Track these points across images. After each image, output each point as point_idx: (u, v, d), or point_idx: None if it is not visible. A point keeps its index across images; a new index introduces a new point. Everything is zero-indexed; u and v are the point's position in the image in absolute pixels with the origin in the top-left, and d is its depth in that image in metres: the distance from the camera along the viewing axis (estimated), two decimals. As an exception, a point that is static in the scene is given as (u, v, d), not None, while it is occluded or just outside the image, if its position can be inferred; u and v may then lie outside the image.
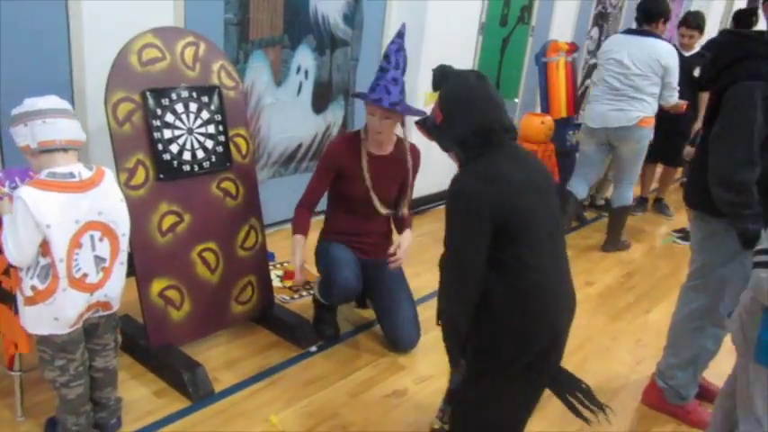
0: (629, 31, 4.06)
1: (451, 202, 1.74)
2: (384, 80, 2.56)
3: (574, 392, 1.88)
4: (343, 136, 2.82)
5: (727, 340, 2.07)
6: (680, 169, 5.36)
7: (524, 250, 1.70)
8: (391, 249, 2.77)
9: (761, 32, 2.16)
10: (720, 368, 2.37)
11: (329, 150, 2.80)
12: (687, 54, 4.53)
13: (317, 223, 2.90)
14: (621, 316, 3.41)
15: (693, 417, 2.51)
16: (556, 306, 1.78)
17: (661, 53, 3.86)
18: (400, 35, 2.63)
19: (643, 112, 3.91)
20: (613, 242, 4.31)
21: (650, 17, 3.95)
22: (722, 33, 2.38)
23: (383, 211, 2.75)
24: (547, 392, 1.91)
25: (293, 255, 2.71)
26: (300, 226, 2.73)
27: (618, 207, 4.26)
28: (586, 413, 1.86)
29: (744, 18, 4.41)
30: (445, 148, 1.82)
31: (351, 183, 2.71)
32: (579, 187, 4.33)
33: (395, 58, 2.58)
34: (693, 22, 4.64)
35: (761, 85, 2.04)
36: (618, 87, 3.93)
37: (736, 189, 2.07)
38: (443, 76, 1.84)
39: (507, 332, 1.74)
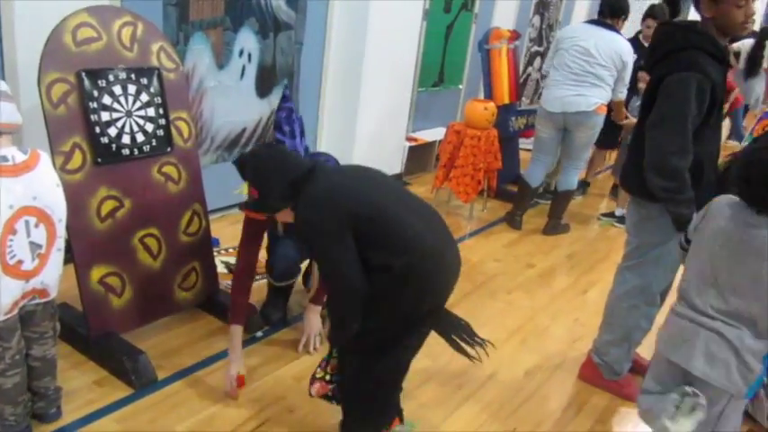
0: (594, 22, 4.10)
1: (307, 231, 1.86)
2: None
3: (457, 332, 2.02)
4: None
5: (659, 318, 2.18)
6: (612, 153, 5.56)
7: (383, 254, 1.79)
8: (300, 345, 2.70)
9: (695, 23, 2.25)
10: (652, 344, 2.48)
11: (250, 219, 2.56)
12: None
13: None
14: (561, 296, 3.52)
15: (626, 390, 2.63)
16: (436, 279, 1.86)
17: (623, 49, 3.99)
18: (285, 98, 2.50)
19: (601, 99, 4.02)
20: (555, 226, 4.43)
21: (614, 12, 4.04)
22: (661, 24, 2.48)
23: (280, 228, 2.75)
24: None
25: (230, 354, 2.40)
26: (238, 314, 2.42)
27: (563, 191, 4.37)
28: (470, 350, 2.01)
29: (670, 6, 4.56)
30: (274, 210, 1.97)
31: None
32: (536, 174, 4.38)
33: (288, 127, 2.45)
34: (660, 14, 4.79)
35: (696, 76, 2.11)
36: (579, 73, 3.99)
37: (669, 175, 2.17)
38: (242, 165, 2.02)
39: (390, 316, 1.86)
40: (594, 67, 3.97)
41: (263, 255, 2.81)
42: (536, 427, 2.42)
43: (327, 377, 2.21)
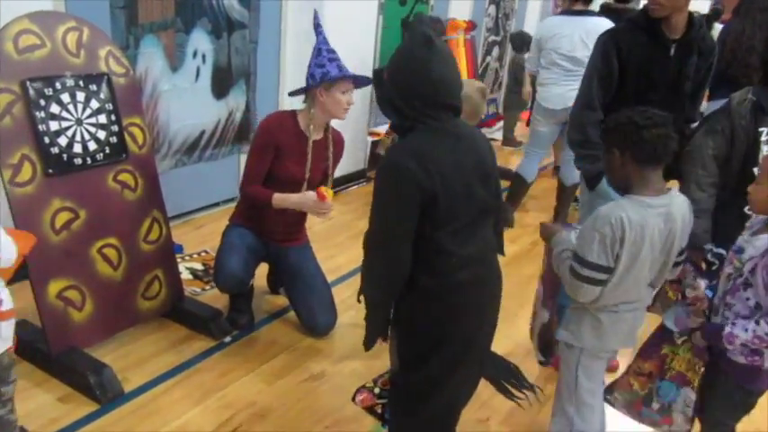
0: (571, 13, 4.00)
1: (382, 177, 1.66)
2: (338, 61, 2.59)
3: (505, 376, 1.91)
4: (276, 115, 2.71)
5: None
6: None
7: (444, 234, 1.66)
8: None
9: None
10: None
11: (266, 128, 2.64)
12: None
13: (227, 211, 2.83)
14: (529, 282, 3.54)
15: None
16: (479, 293, 1.78)
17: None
18: (317, 25, 2.71)
19: None
20: (565, 216, 4.42)
21: None
22: (600, 7, 2.62)
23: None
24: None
25: (291, 200, 2.58)
26: (262, 193, 2.60)
27: (572, 185, 4.21)
28: (518, 395, 1.90)
29: None
30: (383, 110, 1.74)
31: (286, 163, 2.63)
32: (533, 168, 4.32)
33: (328, 45, 2.64)
34: None
35: (602, 38, 2.39)
36: (572, 69, 3.93)
37: (576, 128, 2.38)
38: (405, 30, 1.78)
39: (429, 319, 1.73)
40: (579, 54, 3.87)
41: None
42: (510, 416, 2.42)
43: (377, 390, 2.21)
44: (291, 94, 2.72)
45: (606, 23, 3.97)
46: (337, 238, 3.77)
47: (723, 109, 2.20)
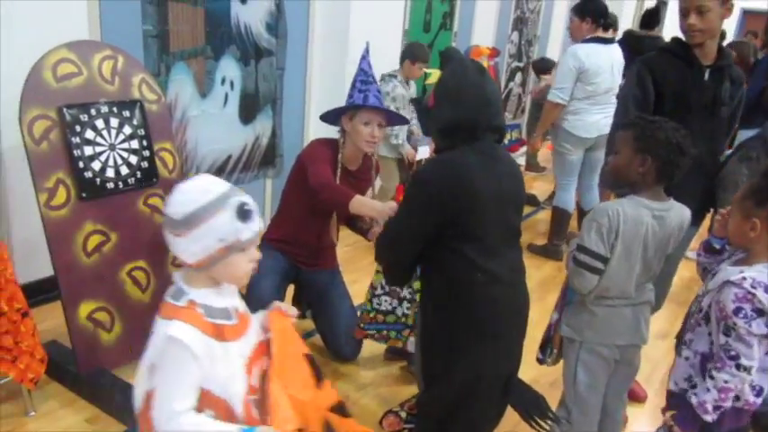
0: (602, 41, 3.95)
1: (414, 183, 1.78)
2: (371, 91, 2.53)
3: (531, 406, 1.91)
4: (321, 140, 2.70)
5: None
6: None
7: (472, 249, 1.70)
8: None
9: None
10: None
11: (317, 146, 2.65)
12: None
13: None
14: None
15: None
16: (503, 312, 1.78)
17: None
18: (363, 56, 2.67)
19: None
20: None
21: (612, 25, 4.02)
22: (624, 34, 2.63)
23: (334, 221, 2.73)
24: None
25: (372, 206, 2.34)
26: (342, 191, 2.43)
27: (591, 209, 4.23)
28: (543, 425, 1.90)
29: (648, 19, 4.61)
30: (427, 132, 1.82)
31: None
32: (571, 199, 4.26)
33: (372, 73, 2.59)
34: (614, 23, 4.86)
35: (637, 65, 2.37)
36: (604, 97, 3.94)
37: (610, 149, 2.29)
38: (447, 60, 1.83)
39: (452, 332, 1.75)
40: (617, 86, 3.86)
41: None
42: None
43: (404, 414, 2.22)
44: (322, 118, 2.72)
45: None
46: (361, 261, 3.78)
47: (758, 136, 2.22)
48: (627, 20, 8.40)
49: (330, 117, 2.65)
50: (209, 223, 1.25)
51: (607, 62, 3.91)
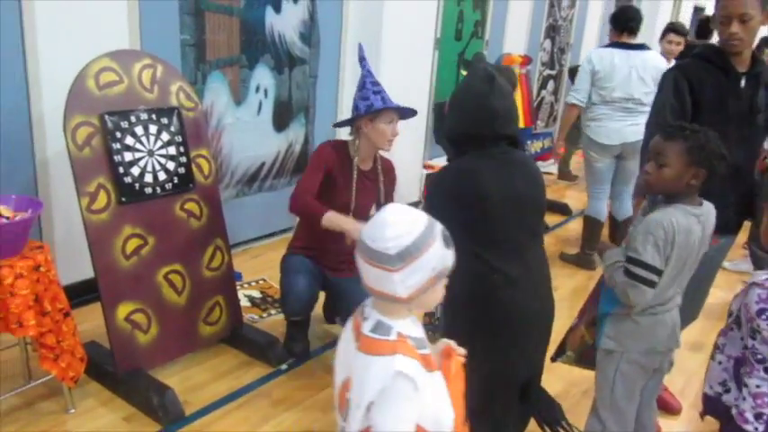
0: (624, 46, 3.88)
1: (431, 192, 1.81)
2: (383, 92, 2.61)
3: (549, 414, 1.91)
4: (332, 142, 2.78)
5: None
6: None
7: (489, 251, 1.71)
8: None
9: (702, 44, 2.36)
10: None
11: (322, 151, 2.71)
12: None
13: (284, 240, 2.89)
14: (585, 318, 3.48)
15: None
16: (521, 315, 1.79)
17: (661, 64, 3.86)
18: (362, 58, 2.68)
19: None
20: None
21: (638, 29, 3.92)
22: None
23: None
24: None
25: (343, 224, 2.49)
26: (317, 207, 2.55)
27: (626, 219, 4.16)
28: None
29: (704, 28, 4.52)
30: (437, 139, 1.88)
31: (334, 191, 2.68)
32: (603, 207, 4.20)
33: (373, 78, 2.65)
34: (681, 29, 4.76)
35: (673, 73, 2.33)
36: (626, 103, 3.89)
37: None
38: (468, 67, 1.88)
39: (469, 331, 1.75)
40: (639, 94, 3.84)
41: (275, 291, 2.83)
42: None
43: None
44: (336, 125, 2.82)
45: (658, 58, 3.93)
46: (391, 268, 3.80)
47: None
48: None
49: (345, 122, 2.72)
50: (426, 254, 1.22)
51: (624, 67, 3.83)
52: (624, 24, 3.88)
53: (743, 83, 2.27)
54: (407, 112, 2.70)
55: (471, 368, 1.78)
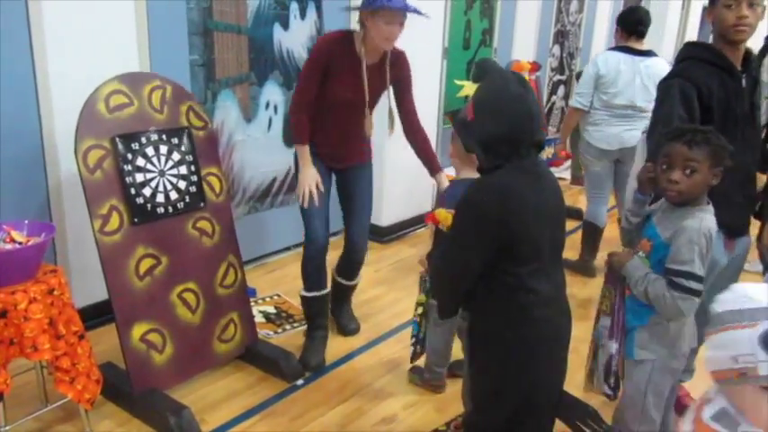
0: (629, 51, 3.81)
1: (462, 210, 1.69)
2: None
3: (583, 419, 1.87)
4: (332, 34, 2.74)
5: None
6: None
7: (525, 271, 1.66)
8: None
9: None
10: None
11: (320, 49, 2.69)
12: None
13: (298, 255, 2.87)
14: (603, 325, 3.44)
15: None
16: (552, 333, 1.76)
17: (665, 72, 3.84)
18: None
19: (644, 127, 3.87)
20: None
21: (645, 33, 3.84)
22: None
23: (369, 115, 2.76)
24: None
25: (302, 166, 2.74)
26: (303, 134, 2.73)
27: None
28: None
29: None
30: (468, 147, 1.74)
31: (341, 84, 2.67)
32: (601, 212, 4.15)
33: None
34: None
35: (677, 81, 2.15)
36: (625, 109, 3.84)
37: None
38: (484, 72, 1.77)
39: (503, 358, 1.73)
40: (641, 102, 3.78)
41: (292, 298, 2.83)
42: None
43: None
44: (349, 8, 2.75)
45: (664, 66, 3.85)
46: (405, 280, 3.79)
47: None
48: (672, 28, 8.25)
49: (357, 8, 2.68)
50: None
51: (629, 73, 3.78)
52: (632, 28, 3.82)
53: (743, 82, 2.19)
54: (413, 10, 2.57)
55: (507, 391, 1.76)
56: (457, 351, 2.67)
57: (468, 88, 1.85)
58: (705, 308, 2.00)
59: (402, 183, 4.52)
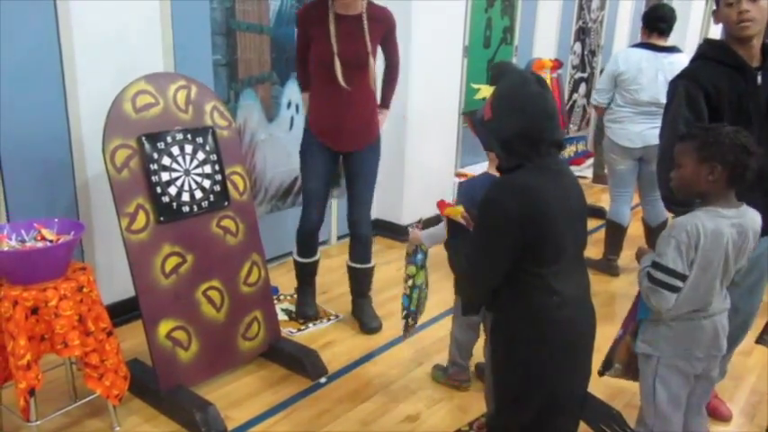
0: (652, 48, 3.78)
1: (484, 211, 1.67)
2: None
3: (607, 421, 1.86)
4: (306, 2, 3.01)
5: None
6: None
7: (549, 272, 1.66)
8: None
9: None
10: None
11: (299, 13, 2.99)
12: None
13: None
14: (627, 324, 3.41)
15: None
16: (575, 334, 1.75)
17: None
18: None
19: None
20: None
21: (669, 30, 3.79)
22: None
23: (340, 75, 2.83)
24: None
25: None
26: (305, 82, 3.09)
27: (660, 224, 3.99)
28: None
29: None
30: (487, 146, 1.76)
31: (316, 43, 2.86)
32: (625, 211, 4.10)
33: None
34: None
35: (683, 83, 2.13)
36: (648, 107, 3.79)
37: (666, 185, 2.04)
38: (502, 74, 1.76)
39: (526, 360, 1.72)
40: (663, 98, 3.73)
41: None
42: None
43: None
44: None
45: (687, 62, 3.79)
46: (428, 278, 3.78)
47: None
48: (695, 25, 8.15)
49: None
50: None
51: (651, 70, 3.73)
52: (654, 25, 3.78)
53: (759, 80, 2.12)
54: None
55: (532, 393, 1.75)
56: (479, 353, 2.66)
57: (485, 90, 1.83)
58: (735, 307, 1.99)
59: (421, 181, 4.52)
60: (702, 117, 2.09)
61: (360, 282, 3.30)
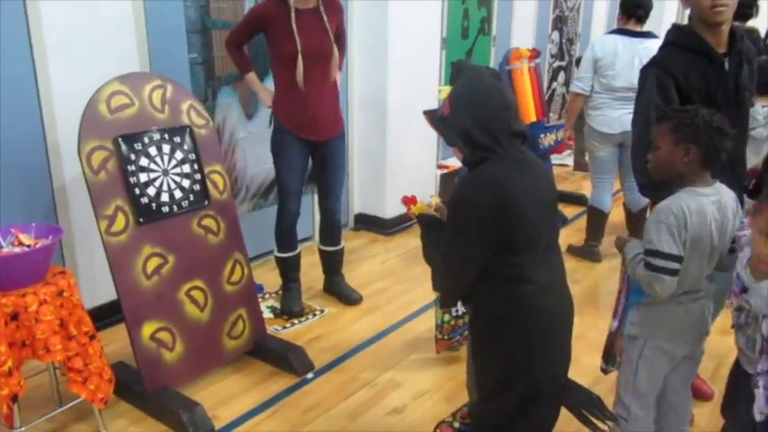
0: (628, 33, 3.82)
1: (455, 207, 1.69)
2: None
3: (587, 406, 1.87)
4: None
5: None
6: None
7: (523, 261, 1.67)
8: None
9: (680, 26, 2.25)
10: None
11: (256, 9, 3.00)
12: None
13: (304, 249, 2.90)
14: (610, 311, 3.44)
15: None
16: (552, 321, 1.77)
17: None
18: None
19: None
20: None
21: (646, 17, 3.83)
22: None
23: (301, 74, 2.89)
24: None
25: (256, 89, 3.14)
26: (241, 63, 3.09)
27: (641, 209, 4.06)
28: (600, 425, 1.86)
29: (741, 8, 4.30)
30: (449, 141, 1.75)
31: (279, 39, 2.89)
32: (606, 198, 4.14)
33: None
34: None
35: (653, 71, 2.14)
36: (626, 93, 3.77)
37: (642, 173, 2.08)
38: (459, 71, 1.79)
39: (506, 348, 1.73)
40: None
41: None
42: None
43: (456, 425, 2.25)
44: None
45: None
46: (413, 270, 3.80)
47: None
48: (671, 11, 8.20)
49: None
50: None
51: (627, 55, 3.77)
52: (631, 11, 3.82)
53: (726, 65, 2.14)
54: None
55: (513, 382, 1.76)
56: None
57: (446, 90, 1.87)
58: (713, 288, 2.02)
59: (403, 174, 4.52)
60: (674, 104, 2.10)
61: (335, 261, 3.51)
